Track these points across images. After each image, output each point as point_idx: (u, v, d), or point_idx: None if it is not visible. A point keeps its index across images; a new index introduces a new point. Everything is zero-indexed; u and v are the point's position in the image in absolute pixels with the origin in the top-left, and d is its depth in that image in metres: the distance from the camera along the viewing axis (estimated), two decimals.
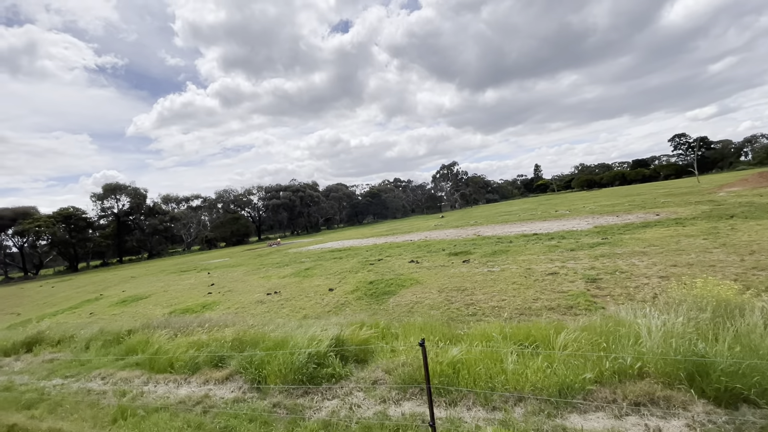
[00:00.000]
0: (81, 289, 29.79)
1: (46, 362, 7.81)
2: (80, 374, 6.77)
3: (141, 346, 7.60)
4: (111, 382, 6.17)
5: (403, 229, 43.30)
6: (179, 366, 6.12)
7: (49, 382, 6.63)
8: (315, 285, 15.90)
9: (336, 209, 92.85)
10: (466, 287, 11.98)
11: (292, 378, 5.01)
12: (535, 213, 38.00)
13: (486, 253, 16.20)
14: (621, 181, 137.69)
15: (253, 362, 5.54)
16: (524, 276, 12.11)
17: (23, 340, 8.91)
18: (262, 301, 14.62)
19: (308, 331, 6.09)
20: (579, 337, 4.72)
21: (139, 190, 65.69)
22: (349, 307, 12.20)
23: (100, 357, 7.56)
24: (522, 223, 27.57)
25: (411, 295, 12.29)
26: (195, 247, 73.36)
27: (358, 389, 4.71)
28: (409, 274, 14.75)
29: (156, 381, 5.94)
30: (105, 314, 17.40)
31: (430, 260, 16.74)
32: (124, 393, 5.65)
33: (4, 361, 8.26)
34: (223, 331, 7.39)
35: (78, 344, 8.55)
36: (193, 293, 18.84)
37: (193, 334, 7.62)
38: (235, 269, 25.47)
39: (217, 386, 5.44)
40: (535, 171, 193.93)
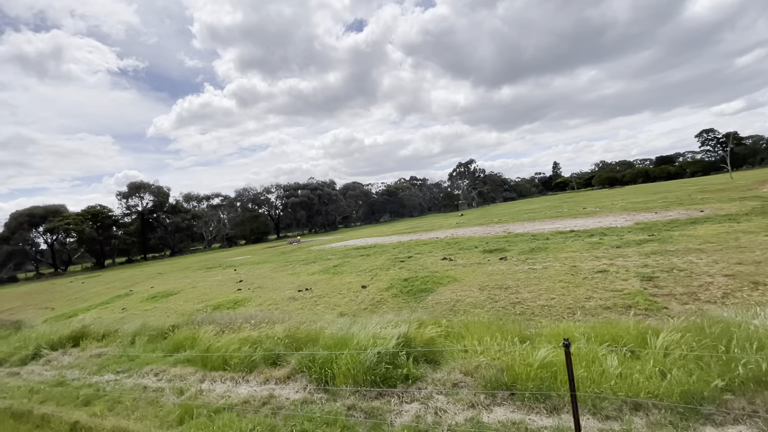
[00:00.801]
0: (110, 285, 30.33)
1: (94, 357, 7.71)
2: (131, 370, 6.61)
3: (188, 342, 7.42)
4: (165, 379, 5.97)
5: (424, 227, 42.79)
6: (234, 363, 5.87)
7: (101, 377, 6.49)
8: (346, 282, 15.62)
9: (353, 207, 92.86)
10: (509, 285, 11.49)
11: (362, 379, 4.68)
12: (561, 211, 36.99)
13: (523, 250, 15.64)
14: (644, 178, 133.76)
15: (315, 361, 5.23)
16: (570, 274, 11.55)
17: (69, 334, 8.87)
18: (295, 298, 14.43)
19: (368, 329, 5.76)
20: (683, 339, 4.24)
21: (162, 188, 67.12)
22: (386, 305, 11.87)
23: (148, 352, 7.41)
24: (552, 221, 26.76)
25: (450, 293, 11.88)
26: (215, 245, 74.41)
27: (438, 392, 4.35)
28: (444, 272, 14.32)
29: (212, 379, 5.71)
30: (137, 309, 17.54)
31: (464, 257, 16.26)
32: (182, 390, 5.43)
33: (52, 355, 8.22)
34: (272, 328, 7.14)
35: (123, 339, 8.45)
36: (223, 290, 18.82)
37: (240, 330, 7.39)
38: (261, 266, 25.48)
39: (279, 386, 5.15)
40: (554, 169, 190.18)
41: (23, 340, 9.13)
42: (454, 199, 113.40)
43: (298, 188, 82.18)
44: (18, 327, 12.37)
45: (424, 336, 5.47)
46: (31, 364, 7.94)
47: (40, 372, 7.26)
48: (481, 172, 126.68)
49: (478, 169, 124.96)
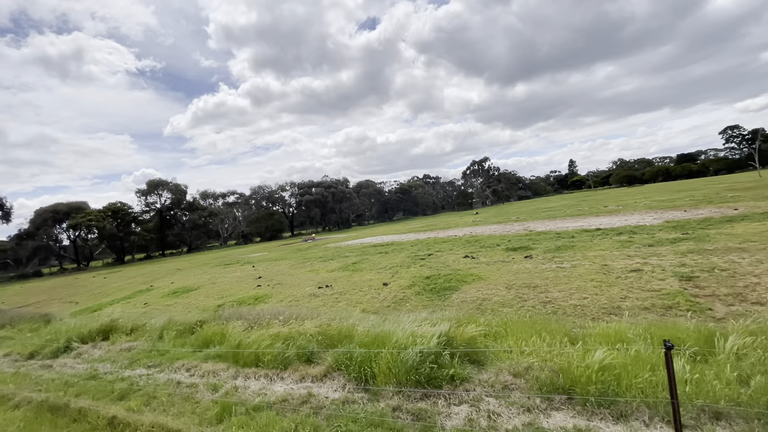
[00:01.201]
0: (131, 281, 30.86)
1: (124, 351, 7.71)
2: (162, 365, 6.55)
3: (217, 338, 7.34)
4: (197, 375, 5.88)
5: (439, 226, 42.39)
6: (268, 360, 5.74)
7: (133, 371, 6.44)
8: (367, 279, 15.46)
9: (366, 205, 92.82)
10: (538, 284, 11.16)
11: (405, 378, 4.48)
12: (581, 209, 36.15)
13: (549, 248, 15.22)
14: (664, 176, 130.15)
15: (353, 359, 5.05)
16: (602, 273, 11.15)
17: (99, 328, 8.91)
18: (315, 295, 14.34)
19: (405, 327, 5.56)
20: (757, 343, 3.92)
21: (179, 186, 68.21)
22: (409, 303, 11.68)
23: (177, 347, 7.36)
24: (574, 219, 26.12)
25: (475, 291, 11.61)
26: (231, 242, 75.33)
27: (487, 394, 4.11)
28: (467, 270, 14.02)
29: (245, 376, 5.58)
30: (159, 304, 17.72)
31: (487, 255, 15.93)
32: (216, 387, 5.32)
33: (82, 348, 8.26)
34: (302, 324, 7.00)
35: (151, 333, 8.44)
36: (242, 286, 18.88)
37: (269, 326, 7.28)
38: (278, 263, 25.54)
39: (316, 384, 4.99)
40: (570, 167, 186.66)
41: (54, 333, 9.22)
42: (468, 198, 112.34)
43: (312, 186, 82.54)
44: (47, 320, 12.56)
45: (464, 335, 5.23)
46: (63, 357, 7.98)
47: (72, 365, 7.27)
48: (496, 170, 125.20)
49: (492, 167, 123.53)
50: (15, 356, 8.60)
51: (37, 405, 5.33)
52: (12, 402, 5.63)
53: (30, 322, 12.37)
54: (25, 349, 8.75)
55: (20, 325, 12.02)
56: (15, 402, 5.60)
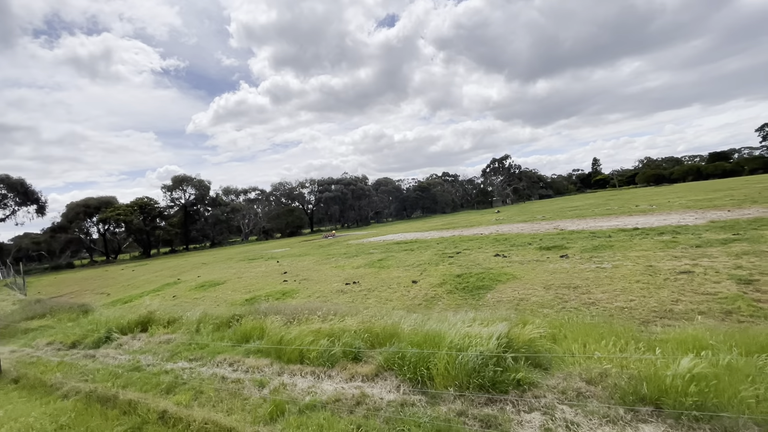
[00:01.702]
0: (158, 274, 31.52)
1: (163, 343, 7.70)
2: (204, 358, 6.48)
3: (256, 333, 7.24)
4: (241, 370, 5.76)
5: (461, 224, 41.78)
6: (313, 357, 5.57)
7: (175, 364, 6.39)
8: (395, 276, 15.23)
9: (385, 203, 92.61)
10: (578, 285, 10.70)
11: (466, 382, 4.21)
12: (610, 208, 34.94)
13: (585, 248, 14.63)
14: (695, 176, 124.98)
15: (406, 359, 4.81)
16: (648, 274, 10.59)
17: (137, 319, 8.98)
18: (343, 291, 14.21)
19: (457, 327, 5.29)
20: None
21: (203, 181, 69.65)
22: (441, 301, 11.40)
23: (216, 341, 7.29)
24: (606, 218, 25.19)
25: (511, 290, 11.23)
26: (252, 237, 76.48)
27: (560, 401, 3.80)
28: (500, 269, 13.61)
29: (291, 372, 5.42)
30: (187, 297, 17.95)
31: (519, 254, 15.45)
32: (262, 383, 5.17)
33: (122, 339, 8.32)
34: (343, 321, 6.81)
35: (189, 326, 8.43)
36: (268, 280, 18.94)
37: (309, 322, 7.12)
38: (302, 258, 25.62)
39: (368, 384, 4.77)
40: (593, 165, 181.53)
41: (94, 323, 9.36)
42: (488, 196, 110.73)
43: (331, 183, 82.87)
44: (85, 310, 12.85)
45: (523, 336, 4.92)
46: (104, 347, 8.05)
47: (114, 356, 7.31)
48: (517, 168, 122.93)
49: (513, 165, 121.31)
50: (58, 345, 8.75)
51: (85, 395, 5.31)
52: (61, 391, 5.64)
53: (69, 312, 12.67)
54: (67, 339, 8.89)
55: (59, 315, 12.32)
56: (64, 391, 5.60)
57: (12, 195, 52.65)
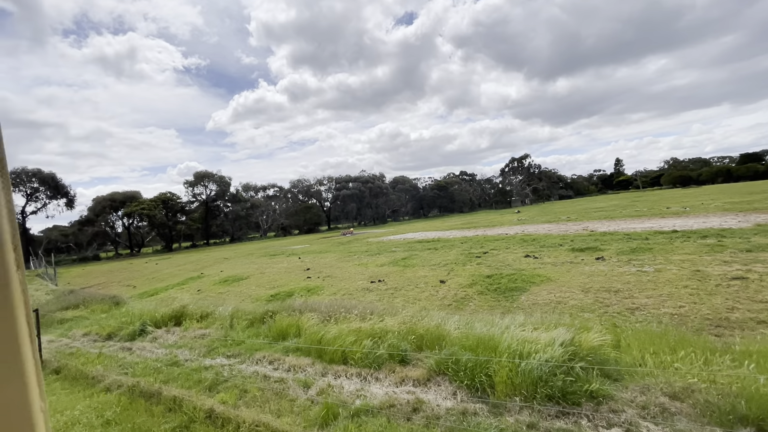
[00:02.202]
0: (181, 268, 32.03)
1: (198, 338, 7.63)
2: (242, 355, 6.35)
3: (293, 330, 7.08)
4: (282, 369, 5.59)
5: (482, 223, 41.12)
6: (358, 358, 5.35)
7: (213, 360, 6.28)
8: (421, 276, 14.94)
9: (402, 201, 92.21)
10: (618, 288, 10.22)
11: (532, 391, 3.90)
12: (638, 210, 33.74)
13: (622, 250, 14.03)
14: (725, 178, 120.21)
15: (460, 364, 4.54)
16: (696, 279, 10.02)
17: (171, 313, 8.97)
18: (369, 289, 14.01)
19: (510, 332, 4.98)
20: None
21: (224, 178, 70.76)
22: (472, 302, 11.07)
23: (252, 338, 7.17)
24: (636, 220, 24.27)
25: (546, 293, 10.82)
26: (270, 234, 77.27)
27: (642, 417, 3.46)
28: (532, 270, 13.17)
29: (335, 373, 5.22)
30: (211, 292, 18.07)
31: (551, 256, 14.94)
32: (306, 384, 4.98)
33: (157, 332, 8.30)
34: (382, 321, 6.58)
35: (222, 322, 8.35)
36: (291, 277, 18.92)
37: (347, 321, 6.92)
38: (324, 255, 25.57)
39: (421, 389, 4.52)
40: (616, 165, 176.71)
41: (128, 316, 9.40)
42: (506, 196, 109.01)
43: (349, 181, 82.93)
44: (116, 302, 13.02)
45: (586, 344, 4.57)
46: (139, 340, 8.04)
47: (151, 349, 7.27)
48: (537, 168, 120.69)
49: (533, 165, 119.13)
50: (94, 336, 8.81)
51: (128, 389, 5.23)
52: (103, 384, 5.59)
53: (101, 303, 12.86)
54: (102, 330, 8.95)
55: (92, 306, 12.50)
56: (106, 384, 5.55)
57: (43, 189, 54.57)
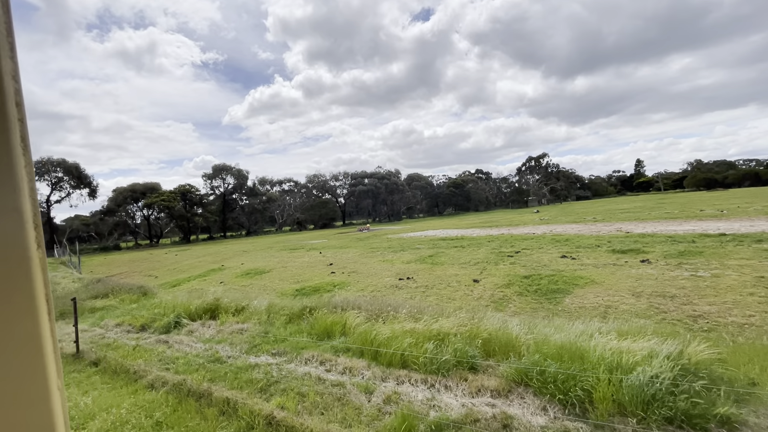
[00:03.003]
0: (201, 259, 32.11)
1: (236, 332, 7.29)
2: (287, 353, 5.95)
3: (337, 328, 6.67)
4: (337, 371, 5.16)
5: (502, 222, 40.26)
6: (421, 362, 4.88)
7: (257, 358, 5.90)
8: (451, 274, 14.42)
9: (418, 199, 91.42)
10: (674, 294, 9.55)
11: (641, 410, 3.38)
12: (669, 212, 32.46)
13: (668, 253, 13.25)
14: (752, 181, 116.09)
15: (547, 375, 4.03)
16: (763, 287, 9.30)
17: (205, 306, 8.67)
18: (398, 286, 13.58)
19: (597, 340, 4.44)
20: None
21: (242, 171, 71.11)
22: (512, 304, 10.54)
23: (294, 335, 6.78)
24: (673, 222, 23.21)
25: (593, 296, 10.22)
26: (286, 228, 77.54)
27: None
28: (572, 272, 12.53)
29: (396, 378, 4.77)
30: (234, 284, 17.88)
31: (589, 257, 14.24)
32: (368, 389, 4.54)
33: (192, 325, 7.99)
34: (437, 321, 6.10)
35: (259, 316, 8.00)
36: (315, 271, 18.59)
37: (397, 320, 6.47)
38: (345, 250, 25.23)
39: (502, 401, 4.03)
40: (636, 167, 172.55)
41: (161, 307, 9.14)
42: (523, 195, 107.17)
43: (365, 177, 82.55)
44: (144, 292, 12.86)
45: (694, 357, 4.01)
46: (175, 333, 7.74)
47: (189, 343, 6.94)
48: (555, 167, 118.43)
49: (551, 164, 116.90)
50: (127, 327, 8.57)
51: (174, 388, 4.87)
52: (146, 380, 5.25)
53: (129, 293, 12.71)
54: (135, 321, 8.70)
55: (121, 295, 12.35)
56: (149, 380, 5.21)
57: (67, 178, 55.63)
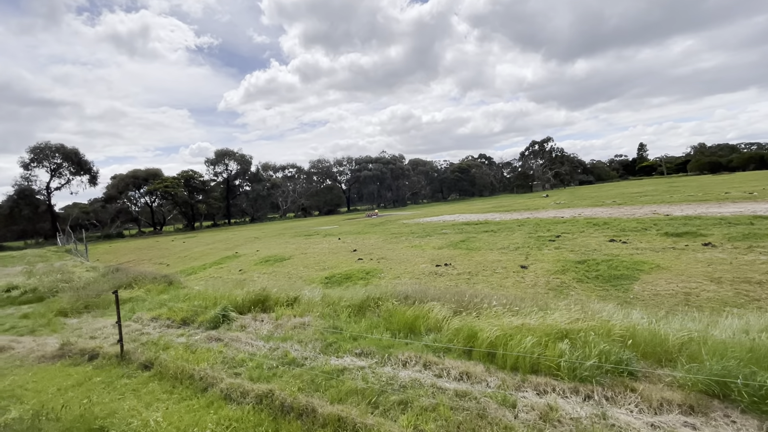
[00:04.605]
0: (211, 246, 31.16)
1: (298, 327, 6.40)
2: (374, 353, 5.08)
3: (421, 323, 5.79)
4: (451, 377, 4.29)
5: (516, 207, 39.37)
6: (562, 368, 4.00)
7: (340, 359, 5.02)
8: (493, 260, 13.57)
9: (422, 184, 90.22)
10: (760, 280, 8.73)
11: None
12: (691, 195, 31.56)
13: (730, 235, 12.39)
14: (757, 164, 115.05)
15: (758, 387, 3.15)
16: None
17: (254, 297, 7.77)
18: (437, 273, 12.77)
19: None
20: None
21: (245, 156, 69.58)
22: (573, 291, 9.75)
23: (370, 331, 5.89)
24: (703, 204, 22.31)
25: (665, 282, 9.41)
26: (290, 214, 76.49)
27: None
28: (629, 257, 11.70)
29: (535, 387, 3.90)
30: (256, 272, 17.03)
31: (642, 240, 13.37)
32: (506, 402, 3.66)
33: (244, 319, 7.11)
34: (546, 316, 5.22)
35: (314, 308, 7.11)
36: (340, 258, 17.73)
37: (493, 313, 5.58)
38: (365, 236, 24.34)
39: (701, 420, 3.15)
40: (639, 151, 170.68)
41: (199, 298, 8.24)
42: (527, 180, 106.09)
43: (369, 162, 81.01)
44: (169, 281, 11.96)
45: None
46: (224, 328, 6.86)
47: (247, 341, 6.05)
48: (559, 152, 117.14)
49: (555, 149, 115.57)
50: (165, 321, 7.68)
51: (259, 400, 3.98)
52: (217, 389, 4.36)
53: (153, 283, 11.81)
54: (173, 314, 7.81)
55: (146, 285, 11.46)
56: (221, 390, 4.32)
57: (67, 164, 54.14)
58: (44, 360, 6.18)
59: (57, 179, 55.14)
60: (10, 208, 51.26)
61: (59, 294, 11.29)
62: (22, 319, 9.25)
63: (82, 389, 4.85)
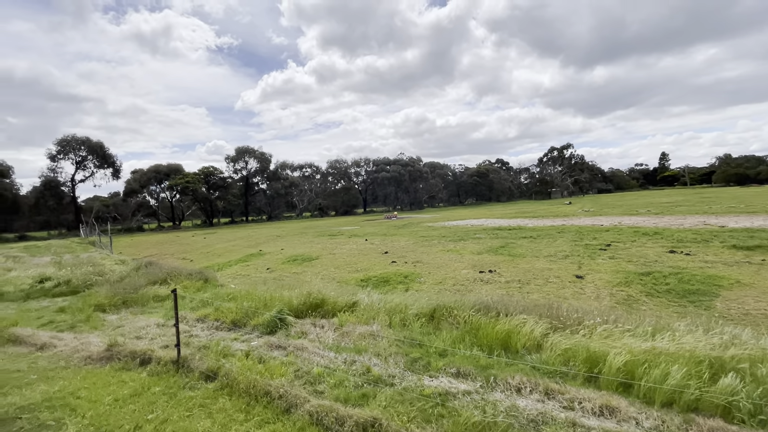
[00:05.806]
0: (233, 243, 30.87)
1: (366, 337, 5.72)
2: (473, 375, 4.36)
3: (515, 339, 5.05)
4: (588, 411, 3.54)
5: (541, 213, 38.19)
6: (745, 409, 3.23)
7: (433, 380, 4.32)
8: (543, 268, 12.74)
9: (440, 187, 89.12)
10: None
11: None
12: (732, 206, 30.01)
13: None
14: None
15: None
16: None
17: (310, 301, 7.12)
18: (483, 280, 12.00)
19: None
20: None
21: (265, 154, 69.62)
22: (644, 306, 8.88)
23: (456, 345, 5.18)
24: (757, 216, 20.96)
25: (752, 301, 8.53)
26: (306, 214, 76.29)
27: None
28: (701, 270, 10.76)
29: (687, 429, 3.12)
30: (285, 271, 16.51)
31: (708, 253, 12.38)
32: None
33: (303, 325, 6.46)
34: (679, 340, 4.43)
35: (381, 316, 6.42)
36: (372, 260, 17.07)
37: (611, 335, 4.80)
38: (392, 238, 23.65)
39: None
40: (661, 160, 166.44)
41: (252, 299, 7.64)
42: (547, 186, 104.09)
43: (387, 163, 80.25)
44: (205, 278, 11.46)
45: None
46: (282, 334, 6.22)
47: (314, 350, 5.39)
48: (579, 159, 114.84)
49: (575, 155, 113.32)
50: (213, 323, 7.10)
51: (361, 429, 3.30)
52: (303, 411, 3.69)
53: (189, 279, 11.32)
54: (222, 316, 7.23)
55: (182, 281, 10.96)
56: (310, 414, 3.64)
57: (91, 157, 54.95)
58: (91, 362, 5.64)
59: (81, 172, 56.06)
60: (35, 198, 52.19)
61: (94, 287, 10.87)
62: (59, 312, 8.81)
63: (142, 401, 4.25)
